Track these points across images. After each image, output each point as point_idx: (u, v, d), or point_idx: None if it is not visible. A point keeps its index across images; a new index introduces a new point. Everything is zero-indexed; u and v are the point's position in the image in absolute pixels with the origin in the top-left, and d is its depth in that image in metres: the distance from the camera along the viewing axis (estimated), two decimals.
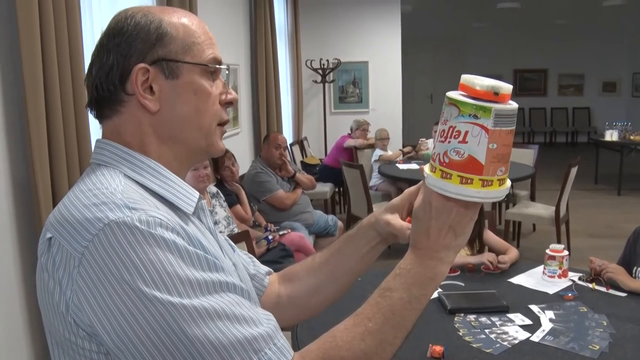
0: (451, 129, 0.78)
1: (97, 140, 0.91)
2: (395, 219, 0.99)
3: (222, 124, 0.93)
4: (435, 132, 6.89)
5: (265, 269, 1.16)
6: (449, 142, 0.78)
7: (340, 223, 4.79)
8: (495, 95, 0.77)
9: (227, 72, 0.94)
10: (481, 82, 0.77)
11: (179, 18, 0.90)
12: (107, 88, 0.87)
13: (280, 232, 3.94)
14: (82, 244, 0.74)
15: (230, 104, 0.94)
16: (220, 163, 3.94)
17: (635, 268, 2.35)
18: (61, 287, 0.75)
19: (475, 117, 0.76)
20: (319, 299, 1.11)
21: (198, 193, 0.92)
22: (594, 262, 2.36)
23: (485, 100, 0.76)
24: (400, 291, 0.82)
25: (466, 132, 0.76)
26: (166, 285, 0.72)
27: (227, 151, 4.04)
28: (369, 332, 0.80)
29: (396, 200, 1.02)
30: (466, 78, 0.79)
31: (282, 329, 0.83)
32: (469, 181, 0.77)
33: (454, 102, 0.78)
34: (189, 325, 0.71)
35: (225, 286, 0.78)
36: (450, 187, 0.78)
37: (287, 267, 1.18)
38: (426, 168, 0.84)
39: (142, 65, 0.85)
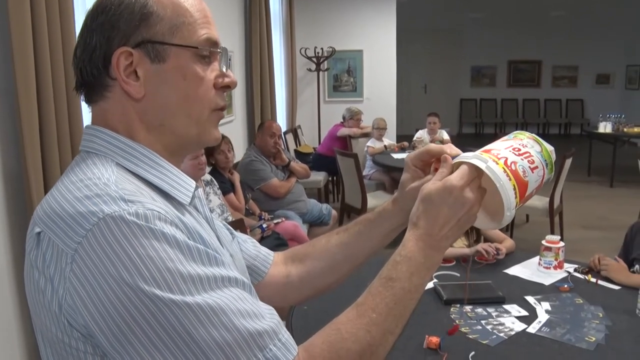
0: (528, 155, 0.89)
1: (87, 127, 0.85)
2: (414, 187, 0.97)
3: (217, 109, 0.86)
4: (430, 123, 6.94)
5: (266, 249, 1.14)
6: (523, 160, 0.88)
7: (334, 212, 4.78)
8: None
9: (219, 52, 0.86)
10: (550, 147, 0.93)
11: None
12: (90, 72, 0.81)
13: (275, 221, 3.93)
14: (74, 240, 0.69)
15: (228, 87, 0.87)
16: (216, 146, 3.91)
17: (635, 266, 2.35)
18: (53, 286, 0.71)
19: (547, 165, 0.91)
20: (333, 278, 1.10)
21: (194, 182, 0.87)
22: (594, 258, 2.37)
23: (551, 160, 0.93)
24: (403, 281, 0.82)
25: (536, 167, 0.89)
26: (167, 283, 0.68)
27: (224, 136, 4.01)
28: (373, 322, 0.79)
29: (404, 176, 1.01)
30: (537, 138, 0.94)
31: (282, 313, 0.81)
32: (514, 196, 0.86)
33: (539, 143, 0.92)
34: (193, 324, 0.68)
35: (227, 281, 0.74)
36: (509, 188, 0.83)
37: (292, 248, 1.16)
38: (472, 153, 0.87)
39: (124, 48, 0.79)
